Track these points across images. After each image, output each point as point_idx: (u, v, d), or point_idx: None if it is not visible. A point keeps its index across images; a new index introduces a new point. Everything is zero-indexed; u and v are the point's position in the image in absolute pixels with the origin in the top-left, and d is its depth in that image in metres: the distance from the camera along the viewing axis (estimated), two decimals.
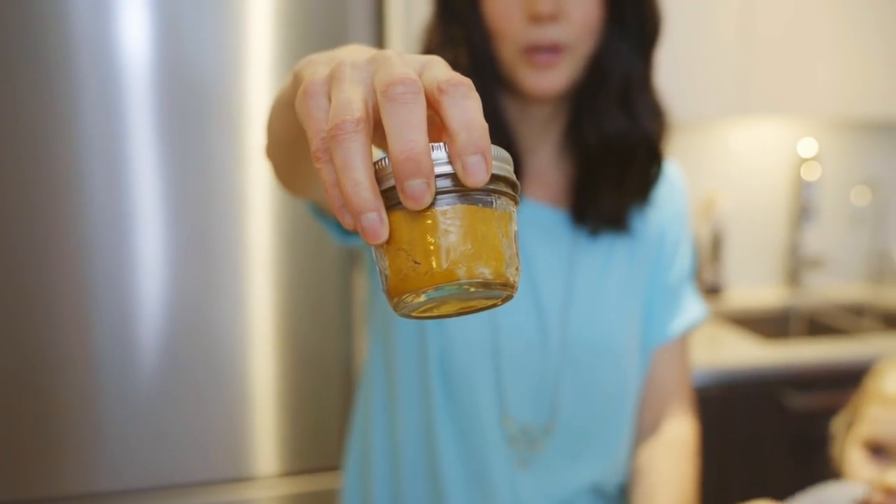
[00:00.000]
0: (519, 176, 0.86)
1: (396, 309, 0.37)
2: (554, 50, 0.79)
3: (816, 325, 2.31)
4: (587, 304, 0.87)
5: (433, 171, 0.34)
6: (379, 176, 0.36)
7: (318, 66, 0.42)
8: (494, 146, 0.36)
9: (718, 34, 2.01)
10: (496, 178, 0.36)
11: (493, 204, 0.36)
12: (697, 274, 2.33)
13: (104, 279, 1.31)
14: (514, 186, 0.38)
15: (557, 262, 0.88)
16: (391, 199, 0.35)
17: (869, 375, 0.97)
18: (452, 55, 0.82)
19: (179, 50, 1.30)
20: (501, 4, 0.79)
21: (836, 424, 0.99)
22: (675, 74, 1.89)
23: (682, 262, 0.96)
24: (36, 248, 1.29)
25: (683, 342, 0.96)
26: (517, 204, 0.38)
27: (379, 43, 1.41)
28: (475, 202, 0.36)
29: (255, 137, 1.34)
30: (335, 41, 1.36)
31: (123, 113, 1.29)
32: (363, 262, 1.32)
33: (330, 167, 0.35)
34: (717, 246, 2.34)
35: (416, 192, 0.34)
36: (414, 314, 0.38)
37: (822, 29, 2.09)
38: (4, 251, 1.28)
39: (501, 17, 0.80)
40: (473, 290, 0.36)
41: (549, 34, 0.78)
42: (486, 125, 0.35)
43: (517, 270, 0.37)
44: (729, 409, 1.76)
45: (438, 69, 0.36)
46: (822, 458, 1.00)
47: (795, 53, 2.07)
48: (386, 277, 0.37)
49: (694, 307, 0.96)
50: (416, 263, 0.35)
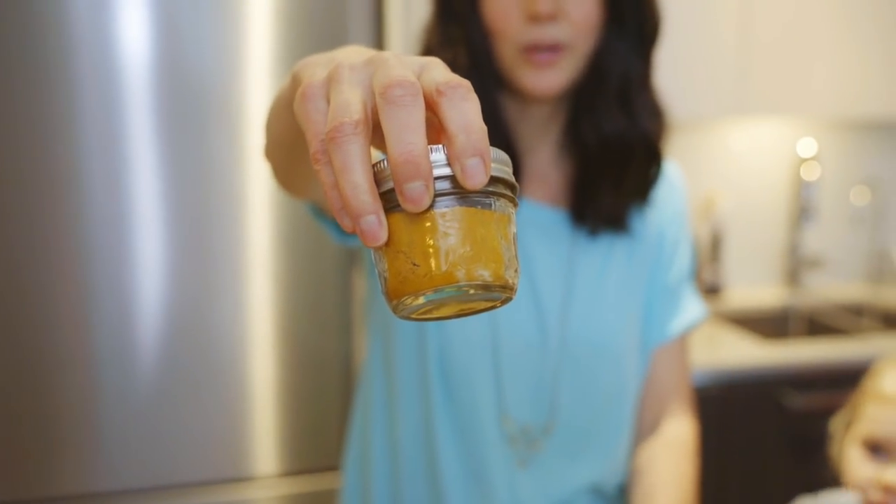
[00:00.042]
0: (518, 176, 0.86)
1: (395, 311, 0.37)
2: (554, 49, 0.79)
3: (816, 324, 2.31)
4: (586, 303, 0.87)
5: (432, 173, 0.34)
6: (378, 178, 0.36)
7: (316, 67, 0.42)
8: (493, 148, 0.36)
9: (718, 34, 2.01)
10: (495, 180, 0.36)
11: (491, 206, 0.36)
12: (697, 274, 2.33)
13: (103, 279, 1.31)
14: (512, 188, 0.38)
15: (557, 261, 0.88)
16: (390, 201, 0.35)
17: (867, 375, 0.98)
18: (451, 55, 0.82)
19: (179, 50, 1.30)
20: (500, 4, 0.79)
21: (834, 424, 0.99)
22: (674, 74, 1.88)
23: (681, 261, 0.96)
24: (35, 248, 1.29)
25: (683, 342, 0.96)
26: (516, 206, 0.38)
27: (378, 43, 1.41)
28: (474, 204, 0.35)
29: (254, 137, 1.34)
30: (334, 41, 1.36)
31: (123, 113, 1.29)
32: (362, 261, 1.32)
33: (329, 169, 0.35)
34: (716, 246, 2.34)
35: (414, 194, 0.34)
36: (413, 316, 0.38)
37: (821, 29, 2.09)
38: (4, 251, 1.28)
39: (500, 16, 0.80)
40: (473, 292, 0.36)
41: (548, 33, 0.78)
42: (484, 127, 0.35)
43: (516, 272, 0.37)
44: (728, 408, 1.76)
45: (437, 71, 0.36)
46: (821, 458, 1.00)
47: (794, 53, 2.07)
48: (385, 280, 0.37)
49: (693, 307, 0.96)
50: (415, 266, 0.35)
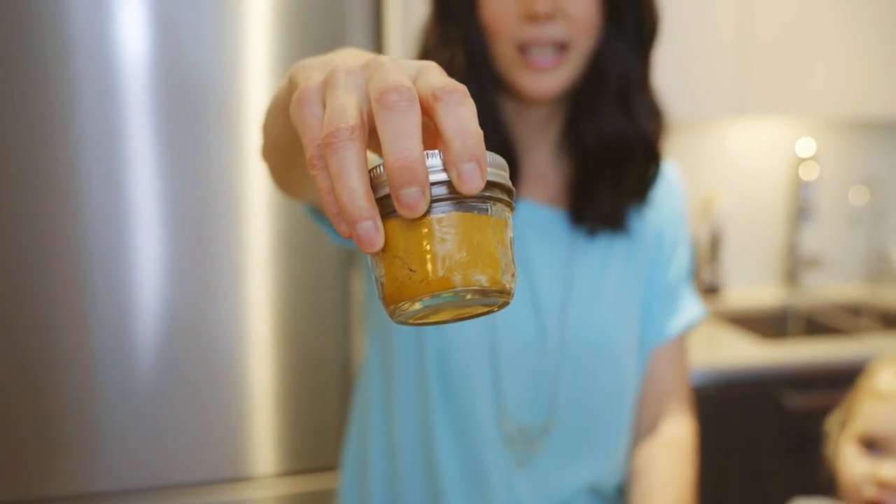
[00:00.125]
0: (517, 176, 0.86)
1: (392, 316, 0.37)
2: (557, 48, 0.79)
3: (814, 324, 2.31)
4: (585, 303, 0.87)
5: (428, 179, 0.34)
6: (374, 184, 0.35)
7: (312, 70, 0.42)
8: (490, 152, 0.36)
9: (717, 34, 2.01)
10: (491, 184, 0.36)
11: (488, 211, 0.36)
12: (696, 274, 2.33)
13: (102, 279, 1.31)
14: (509, 192, 0.37)
15: (555, 262, 0.88)
16: (387, 206, 0.35)
17: (862, 375, 0.98)
18: (449, 55, 0.82)
19: (177, 50, 1.30)
20: (498, 4, 0.79)
21: (829, 423, 1.00)
22: (673, 74, 1.89)
23: (679, 261, 0.96)
24: (34, 247, 1.29)
25: (681, 342, 0.96)
26: (513, 210, 0.38)
27: (377, 43, 1.40)
28: (470, 209, 0.35)
29: (253, 137, 1.34)
30: (333, 41, 1.36)
31: (121, 113, 1.29)
32: (361, 262, 1.31)
33: (325, 174, 0.35)
34: (715, 246, 2.34)
35: (410, 200, 0.34)
36: (410, 321, 0.38)
37: (820, 29, 2.09)
38: (2, 251, 1.28)
39: (498, 16, 0.80)
40: (470, 297, 0.36)
41: (547, 32, 0.78)
42: (480, 132, 0.35)
43: (513, 277, 0.37)
44: (727, 408, 1.76)
45: (433, 75, 0.36)
46: (819, 457, 1.00)
47: (794, 53, 2.07)
48: (382, 285, 0.37)
49: (692, 307, 0.96)
50: (411, 271, 0.35)
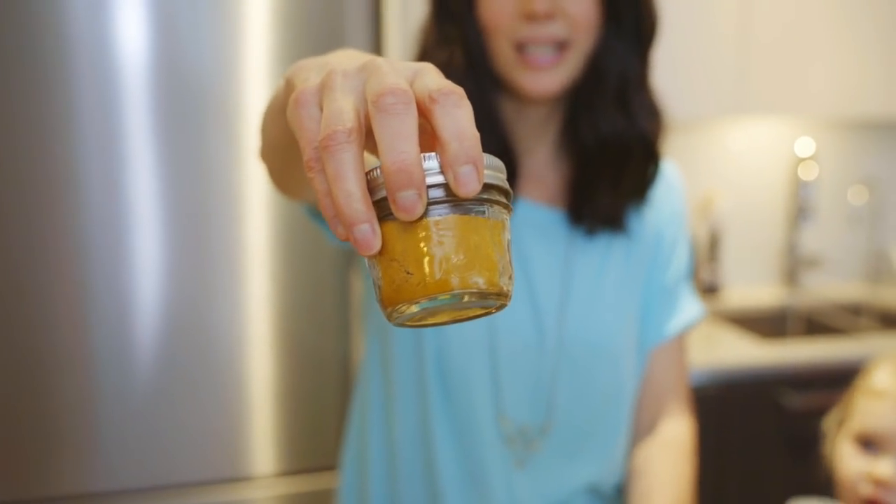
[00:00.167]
0: (515, 176, 0.86)
1: (390, 319, 0.37)
2: (556, 46, 0.79)
3: (814, 324, 2.32)
4: (584, 303, 0.87)
5: (424, 181, 0.34)
6: (371, 186, 0.35)
7: (309, 72, 0.42)
8: (486, 154, 0.36)
9: (716, 34, 2.01)
10: (488, 186, 0.36)
11: (485, 213, 0.36)
12: (695, 273, 2.33)
13: (101, 279, 1.31)
14: (506, 194, 0.37)
15: (554, 262, 0.88)
16: (383, 209, 0.35)
17: (860, 374, 0.98)
18: (448, 55, 0.82)
19: (176, 50, 1.30)
20: (497, 4, 0.79)
21: (827, 423, 1.00)
22: (673, 74, 1.89)
23: (679, 261, 0.96)
24: (32, 247, 1.29)
25: (680, 342, 0.96)
26: (510, 212, 0.38)
27: (376, 43, 1.40)
28: (467, 212, 0.35)
29: (251, 137, 1.34)
30: (332, 41, 1.36)
31: (120, 113, 1.29)
32: (359, 262, 1.31)
33: (322, 177, 0.35)
34: (714, 245, 2.34)
35: (407, 203, 0.34)
36: (408, 323, 0.38)
37: (819, 29, 2.09)
38: (1, 251, 1.28)
39: (497, 15, 0.79)
40: (467, 299, 0.36)
41: (546, 31, 0.78)
42: (477, 134, 0.35)
43: (510, 279, 0.37)
44: (726, 408, 1.76)
45: (429, 77, 0.36)
46: (818, 457, 1.00)
47: (793, 53, 2.07)
48: (379, 287, 0.37)
49: (691, 307, 0.96)
50: (408, 274, 0.35)
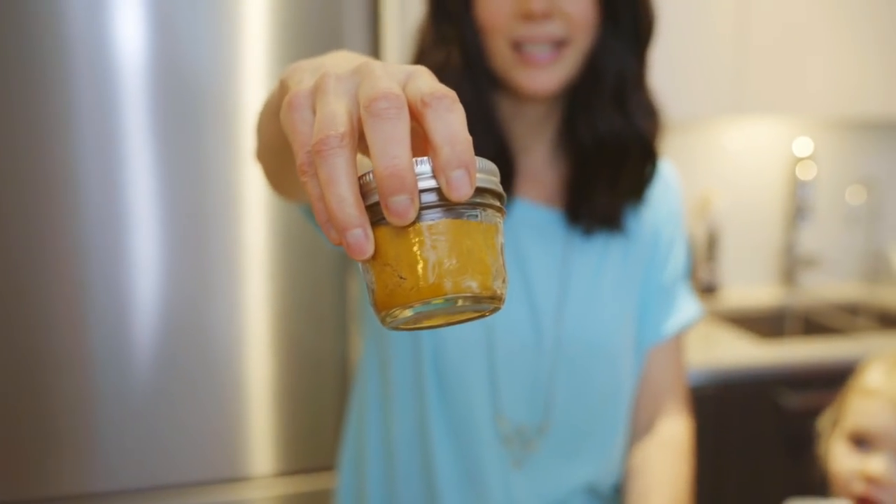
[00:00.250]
0: (512, 175, 0.86)
1: (384, 322, 0.37)
2: (554, 44, 0.79)
3: (812, 324, 2.32)
4: (581, 303, 0.87)
5: (417, 186, 0.34)
6: (364, 191, 0.35)
7: (303, 74, 0.42)
8: (479, 157, 0.36)
9: (714, 33, 2.01)
10: (481, 190, 0.36)
11: (478, 217, 0.36)
12: (693, 273, 2.33)
13: (100, 279, 1.31)
14: (500, 198, 0.37)
15: (552, 261, 0.88)
16: (376, 214, 0.35)
17: (853, 374, 0.98)
18: (445, 54, 0.82)
19: (175, 50, 1.30)
20: (494, 4, 0.79)
21: (821, 422, 1.00)
22: (670, 74, 1.89)
23: (676, 261, 0.96)
24: (31, 247, 1.29)
25: (678, 342, 0.96)
26: (504, 215, 0.38)
27: (374, 43, 1.40)
28: (460, 216, 0.35)
29: (250, 138, 1.34)
30: (330, 41, 1.36)
31: (119, 113, 1.29)
32: (355, 263, 1.31)
33: (315, 181, 0.35)
34: (712, 245, 2.34)
35: (399, 208, 0.34)
36: (402, 327, 0.38)
37: (817, 28, 2.09)
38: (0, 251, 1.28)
39: (494, 15, 0.80)
40: (461, 303, 0.36)
41: (544, 30, 0.78)
42: (469, 138, 0.35)
43: (504, 282, 0.37)
44: (724, 408, 1.76)
45: (422, 80, 0.36)
46: (813, 457, 1.00)
47: (791, 53, 2.07)
48: (372, 292, 0.37)
49: (688, 306, 0.96)
50: (401, 278, 0.35)
